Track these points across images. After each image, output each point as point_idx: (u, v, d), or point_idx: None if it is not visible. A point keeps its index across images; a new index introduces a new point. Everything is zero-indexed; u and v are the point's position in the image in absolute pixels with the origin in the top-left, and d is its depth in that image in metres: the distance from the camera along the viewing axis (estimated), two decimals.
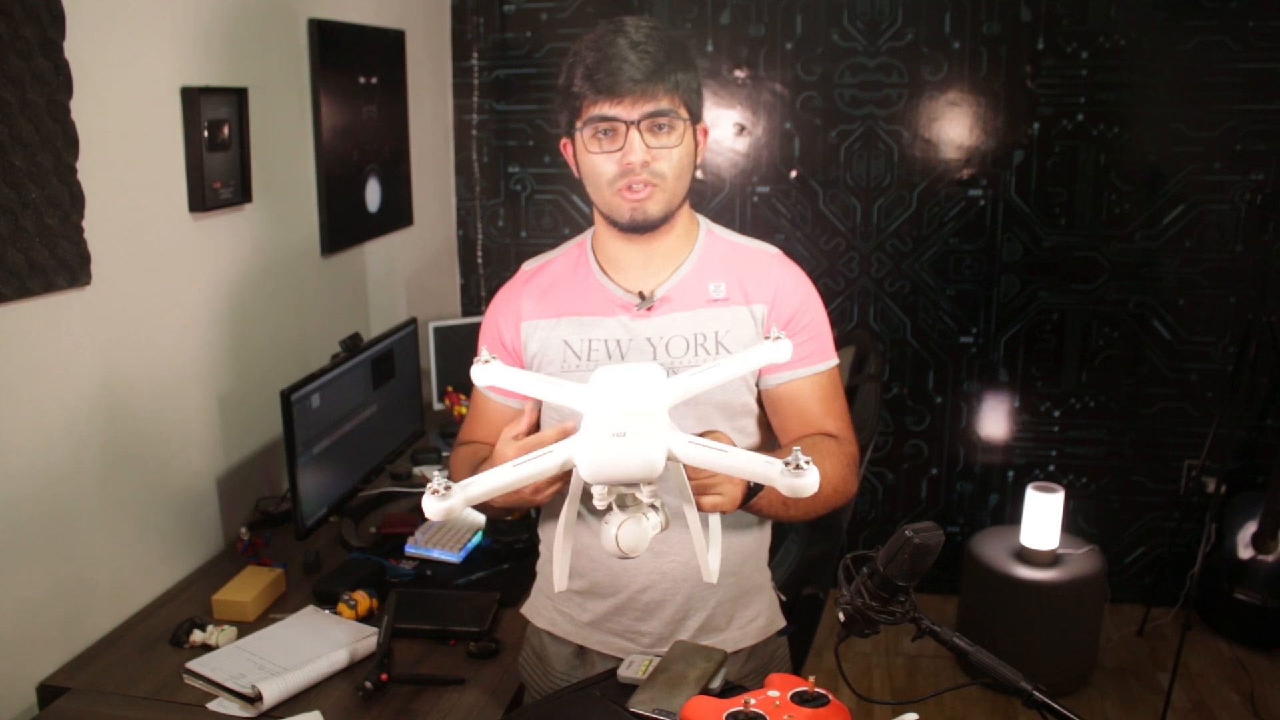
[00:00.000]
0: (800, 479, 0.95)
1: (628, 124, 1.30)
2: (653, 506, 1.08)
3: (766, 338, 1.24)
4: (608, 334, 1.40)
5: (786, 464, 0.96)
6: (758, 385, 1.43)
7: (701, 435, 1.17)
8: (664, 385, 1.15)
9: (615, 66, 1.28)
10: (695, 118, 1.37)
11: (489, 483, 1.03)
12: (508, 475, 1.05)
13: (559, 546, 1.18)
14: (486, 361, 1.25)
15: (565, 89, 1.35)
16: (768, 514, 1.37)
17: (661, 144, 1.32)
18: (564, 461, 1.05)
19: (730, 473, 1.05)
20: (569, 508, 1.16)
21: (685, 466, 1.13)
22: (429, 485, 0.99)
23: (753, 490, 1.26)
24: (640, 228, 1.36)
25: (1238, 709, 2.78)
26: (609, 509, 1.08)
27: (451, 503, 0.99)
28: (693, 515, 1.15)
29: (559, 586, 1.20)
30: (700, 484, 1.19)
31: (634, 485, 1.04)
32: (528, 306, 1.45)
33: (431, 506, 0.98)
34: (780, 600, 1.55)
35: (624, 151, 1.31)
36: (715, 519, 1.22)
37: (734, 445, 1.16)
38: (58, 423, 1.68)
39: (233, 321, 2.15)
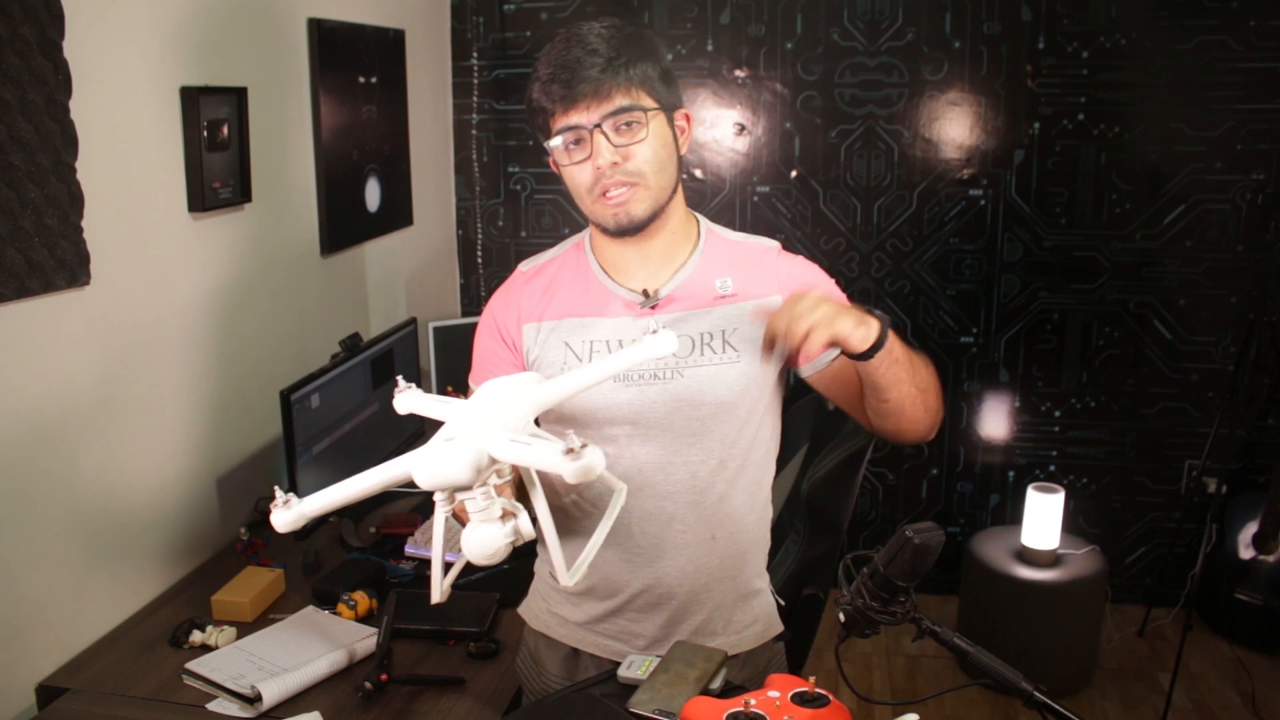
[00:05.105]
0: (579, 462, 0.94)
1: (590, 129, 1.27)
2: (511, 513, 1.04)
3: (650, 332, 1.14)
4: (609, 334, 1.37)
5: (565, 451, 0.95)
6: (796, 376, 1.41)
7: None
8: (532, 390, 1.13)
9: (567, 75, 1.26)
10: (667, 105, 1.33)
11: (332, 496, 1.07)
12: (351, 487, 1.08)
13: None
14: (403, 390, 1.21)
15: (530, 106, 1.33)
16: (888, 381, 1.31)
17: (628, 140, 1.28)
18: (405, 469, 1.05)
19: (528, 465, 1.02)
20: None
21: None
22: (275, 500, 1.04)
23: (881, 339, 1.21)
24: (628, 230, 1.33)
25: (1239, 709, 2.77)
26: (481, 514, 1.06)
27: (293, 515, 1.05)
28: (542, 513, 1.10)
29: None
30: (773, 330, 1.17)
31: (467, 490, 1.03)
32: (527, 308, 1.43)
33: (278, 519, 1.05)
34: (779, 605, 1.53)
35: (592, 157, 1.28)
36: (546, 517, 1.10)
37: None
38: (57, 423, 1.68)
39: (232, 321, 2.15)
